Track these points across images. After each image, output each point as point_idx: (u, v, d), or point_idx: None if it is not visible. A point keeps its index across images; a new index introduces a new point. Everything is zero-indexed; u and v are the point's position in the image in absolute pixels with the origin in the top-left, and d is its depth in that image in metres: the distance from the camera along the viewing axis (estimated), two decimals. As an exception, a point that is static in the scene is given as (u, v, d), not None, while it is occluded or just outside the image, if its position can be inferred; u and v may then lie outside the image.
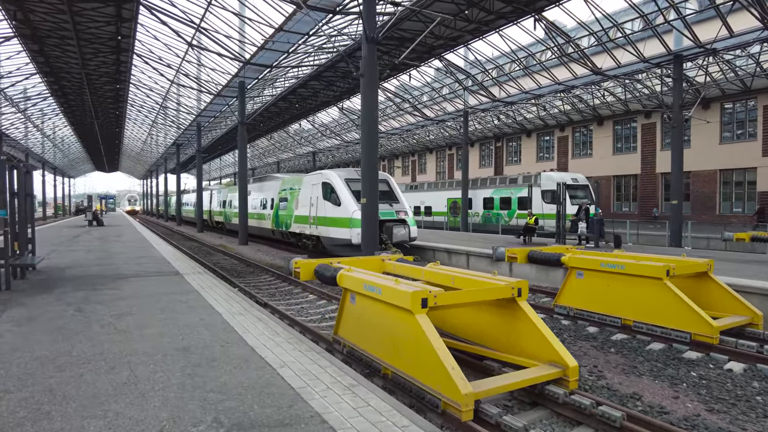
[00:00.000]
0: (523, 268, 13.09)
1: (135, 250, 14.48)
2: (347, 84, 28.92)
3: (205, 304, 6.62)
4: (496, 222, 29.19)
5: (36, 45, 22.80)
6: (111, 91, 31.23)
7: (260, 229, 24.16)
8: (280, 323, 5.76)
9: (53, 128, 45.21)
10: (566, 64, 23.25)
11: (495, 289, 5.49)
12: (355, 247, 15.48)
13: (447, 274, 6.35)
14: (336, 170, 17.78)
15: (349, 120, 39.89)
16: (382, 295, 5.32)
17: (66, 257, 12.44)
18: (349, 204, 15.74)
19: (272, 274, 14.13)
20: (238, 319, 5.77)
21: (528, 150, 38.98)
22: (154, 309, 6.19)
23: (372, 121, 11.85)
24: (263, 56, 20.28)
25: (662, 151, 30.24)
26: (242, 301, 7.01)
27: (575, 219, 16.51)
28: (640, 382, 5.81)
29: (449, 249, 15.61)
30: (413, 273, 7.15)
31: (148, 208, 77.07)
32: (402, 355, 5.16)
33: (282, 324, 5.76)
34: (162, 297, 7.02)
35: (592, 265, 8.47)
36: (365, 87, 11.76)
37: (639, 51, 20.16)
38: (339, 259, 7.75)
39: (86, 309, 6.19)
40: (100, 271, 9.82)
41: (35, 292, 7.36)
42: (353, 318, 6.18)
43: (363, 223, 12.05)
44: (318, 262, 7.28)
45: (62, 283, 8.25)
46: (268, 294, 11.27)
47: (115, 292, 7.44)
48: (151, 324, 5.39)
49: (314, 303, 10.26)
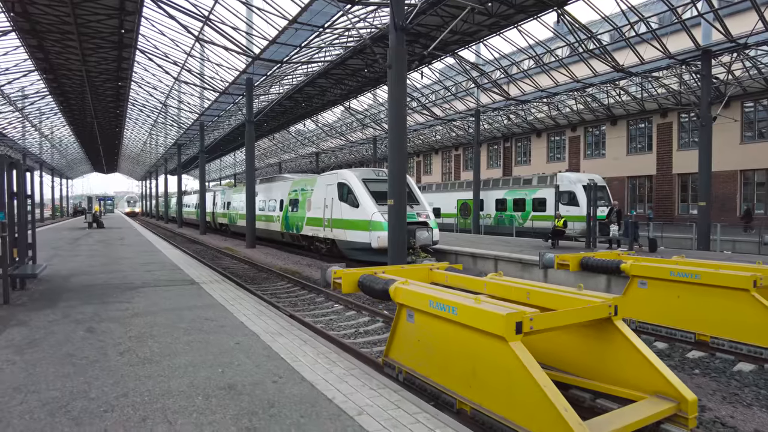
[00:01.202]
0: (559, 274, 12.21)
1: (141, 255, 13.55)
2: (356, 82, 28.08)
3: (235, 321, 5.72)
4: (510, 224, 28.34)
5: (35, 40, 21.84)
6: (112, 89, 30.26)
7: (268, 232, 23.24)
8: (330, 346, 4.86)
9: (51, 128, 44.17)
10: (586, 61, 22.41)
11: (593, 309, 4.61)
12: (375, 252, 14.60)
13: (520, 288, 5.47)
14: (352, 170, 16.90)
15: (354, 120, 39.03)
16: (459, 315, 4.43)
17: (68, 263, 11.51)
18: (368, 206, 14.85)
19: (288, 280, 13.23)
20: (281, 342, 4.87)
21: (538, 150, 38.16)
22: (178, 329, 5.29)
23: (400, 115, 10.98)
24: (274, 52, 19.39)
25: (679, 151, 29.46)
26: (276, 317, 6.11)
27: (606, 222, 15.64)
28: (754, 414, 4.93)
29: (474, 253, 14.72)
30: (471, 285, 6.26)
31: (148, 209, 75.94)
32: (486, 388, 4.27)
33: (331, 347, 4.86)
34: (183, 313, 6.11)
35: (659, 273, 7.60)
36: (393, 78, 10.88)
37: (664, 46, 19.34)
38: (382, 267, 6.86)
39: (98, 329, 5.28)
40: (107, 280, 8.90)
41: (38, 307, 6.44)
42: (412, 339, 5.28)
43: (390, 227, 11.16)
44: (361, 273, 6.38)
45: (67, 294, 7.33)
46: (289, 303, 10.36)
47: (127, 306, 6.53)
48: (179, 350, 4.49)
49: (342, 314, 9.36)
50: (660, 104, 28.97)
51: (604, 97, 30.03)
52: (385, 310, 9.43)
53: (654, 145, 30.80)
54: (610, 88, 27.76)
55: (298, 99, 31.77)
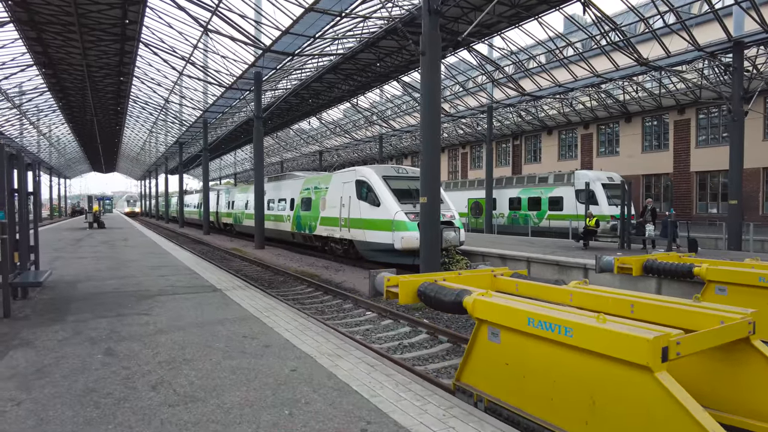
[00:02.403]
0: (602, 277, 11.35)
1: (149, 257, 12.65)
2: (365, 78, 27.19)
3: (279, 339, 4.84)
4: (524, 223, 27.53)
5: (33, 32, 20.90)
6: (112, 84, 29.32)
7: (277, 232, 22.34)
8: (405, 373, 3.98)
9: (49, 126, 43.12)
10: (607, 54, 21.57)
11: (732, 328, 3.74)
12: (398, 253, 13.73)
13: (620, 299, 4.61)
14: (371, 166, 16.03)
15: (361, 117, 38.16)
16: (576, 338, 3.56)
17: (73, 266, 10.60)
18: (390, 204, 13.97)
19: (308, 283, 12.35)
20: (344, 368, 4.00)
21: (549, 148, 37.31)
22: (215, 350, 4.40)
23: (434, 105, 10.11)
24: (288, 44, 18.48)
25: (697, 148, 28.64)
26: (323, 332, 5.24)
27: (641, 221, 14.80)
28: None
29: (503, 255, 13.86)
30: (550, 295, 5.40)
31: (148, 209, 74.86)
32: (612, 428, 3.41)
33: (407, 374, 3.99)
34: (216, 328, 5.22)
35: (744, 279, 6.74)
36: (427, 65, 10.00)
37: (693, 37, 18.51)
38: (440, 274, 5.99)
39: (119, 351, 4.40)
40: (118, 286, 8.00)
41: (44, 321, 5.54)
42: (496, 362, 4.41)
43: (423, 227, 10.29)
44: (420, 280, 5.51)
45: (76, 305, 6.44)
46: (316, 310, 9.48)
47: (147, 319, 5.64)
48: (226, 382, 3.61)
49: (377, 323, 8.48)
50: (677, 100, 28.17)
51: (619, 93, 29.22)
52: (425, 318, 8.56)
53: (671, 142, 29.98)
54: (627, 84, 26.93)
55: (304, 96, 30.87)
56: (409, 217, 13.60)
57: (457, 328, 8.07)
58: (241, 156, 71.42)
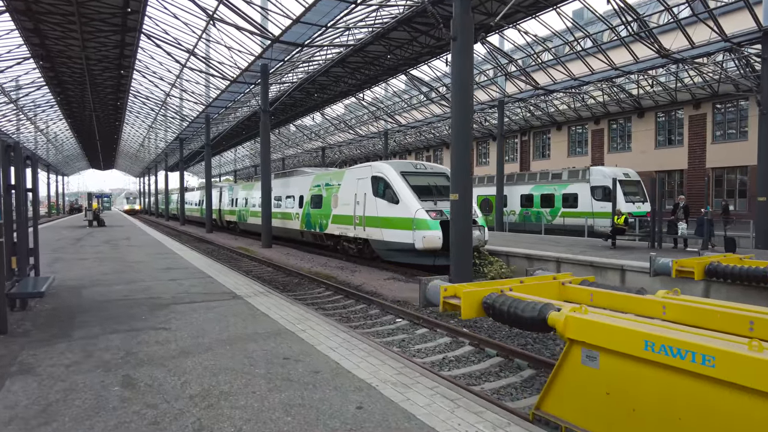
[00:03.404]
0: (639, 278, 10.62)
1: (156, 259, 11.88)
2: (372, 71, 26.38)
3: (326, 362, 4.09)
4: (537, 221, 26.81)
5: (31, 22, 20.03)
6: (112, 78, 28.44)
7: (285, 230, 21.57)
8: (500, 412, 3.24)
9: (46, 122, 42.18)
10: (627, 45, 20.81)
11: None
12: (418, 254, 13.00)
13: (736, 314, 3.87)
14: (387, 162, 15.30)
15: (367, 112, 37.37)
16: (719, 369, 2.83)
17: (75, 269, 9.84)
18: (410, 202, 13.22)
19: (325, 286, 11.61)
20: (419, 403, 3.26)
21: (558, 144, 36.55)
22: (256, 379, 3.65)
23: (466, 96, 9.35)
24: (300, 35, 17.67)
25: (713, 144, 27.91)
26: (374, 351, 4.49)
27: (673, 219, 14.07)
28: None
29: (530, 255, 13.12)
30: (635, 306, 4.66)
31: (147, 207, 73.93)
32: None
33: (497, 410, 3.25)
34: (249, 347, 4.48)
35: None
36: (458, 52, 9.24)
37: (720, 27, 17.75)
38: (504, 282, 5.24)
39: (140, 380, 3.64)
40: (127, 293, 7.25)
41: (46, 338, 4.78)
42: (593, 391, 3.67)
43: (454, 226, 9.55)
44: (484, 290, 4.76)
45: (82, 317, 5.68)
46: (340, 316, 8.73)
47: (167, 335, 4.88)
48: (283, 428, 2.85)
49: (411, 332, 7.74)
50: (693, 94, 27.43)
51: (632, 87, 28.47)
52: (464, 327, 7.82)
53: (685, 137, 29.25)
54: (642, 77, 26.16)
55: (309, 90, 30.05)
56: (430, 215, 12.87)
57: (503, 338, 7.34)
58: (242, 153, 70.51)
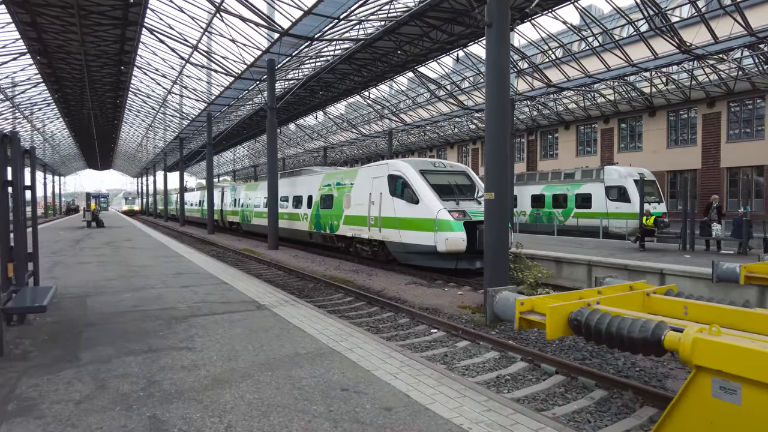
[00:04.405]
0: (681, 283, 9.92)
1: (163, 262, 11.12)
2: (382, 67, 25.67)
3: (394, 394, 3.36)
4: (548, 222, 26.13)
5: (27, 15, 19.22)
6: (112, 75, 27.63)
7: (291, 231, 20.80)
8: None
9: (43, 120, 41.26)
10: (646, 41, 20.17)
11: None
12: (439, 257, 12.28)
13: None
14: (405, 160, 14.56)
15: (372, 110, 36.67)
16: None
17: (76, 274, 9.07)
18: (431, 202, 12.49)
19: (344, 291, 10.86)
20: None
21: (566, 144, 35.91)
22: (318, 420, 2.91)
23: (503, 85, 8.63)
24: (313, 28, 16.95)
25: (728, 143, 27.30)
26: (444, 378, 3.76)
27: (707, 219, 13.38)
28: None
29: (559, 258, 12.41)
30: (748, 322, 3.93)
31: (146, 207, 72.94)
32: None
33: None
34: (295, 374, 3.73)
35: None
36: (494, 39, 8.52)
37: (746, 20, 17.12)
38: (578, 293, 4.52)
39: (170, 422, 2.90)
40: (137, 303, 6.49)
41: (49, 362, 4.01)
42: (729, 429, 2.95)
43: (489, 228, 8.82)
44: (570, 304, 4.03)
45: (90, 333, 4.92)
46: (367, 326, 7.98)
47: (193, 358, 4.13)
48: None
49: (451, 345, 6.99)
50: (708, 92, 26.83)
51: (644, 85, 27.84)
52: (510, 339, 7.09)
53: (699, 137, 28.64)
54: (656, 75, 25.53)
55: (314, 88, 29.32)
56: (453, 215, 12.16)
57: (555, 352, 6.60)
58: (241, 153, 69.68)
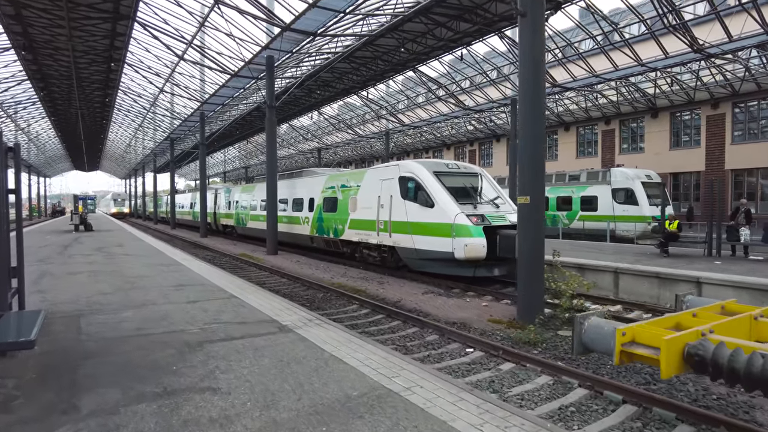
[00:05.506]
0: (722, 293, 9.29)
1: (162, 272, 10.23)
2: (383, 65, 24.94)
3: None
4: (553, 225, 25.53)
5: (11, 7, 18.17)
6: (100, 72, 26.54)
7: (291, 236, 19.95)
8: None
9: (28, 120, 39.86)
10: (657, 39, 19.67)
11: None
12: (457, 264, 11.55)
13: None
14: (417, 161, 13.83)
15: (370, 110, 35.91)
16: None
17: (67, 287, 8.17)
18: (447, 205, 11.76)
19: (358, 302, 10.08)
20: None
21: (566, 145, 35.50)
22: None
23: (539, 78, 7.92)
24: (311, 25, 16.14)
25: (733, 145, 26.98)
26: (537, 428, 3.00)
27: (733, 224, 12.80)
28: None
29: (582, 265, 11.74)
30: None
31: (134, 209, 71.32)
32: None
33: None
34: (357, 430, 2.95)
35: None
36: (528, 29, 7.82)
37: (762, 17, 16.66)
38: (673, 318, 3.79)
39: None
40: (140, 324, 5.64)
41: (40, 416, 3.16)
42: None
43: (523, 234, 8.10)
44: (685, 335, 3.29)
45: (87, 367, 4.08)
46: (396, 345, 7.19)
47: (223, 405, 3.31)
48: None
49: (494, 368, 6.23)
50: (712, 93, 26.50)
51: (647, 86, 27.44)
52: (557, 359, 6.36)
53: (702, 138, 28.29)
54: (661, 76, 25.12)
55: (312, 87, 28.49)
56: (471, 219, 11.42)
57: (612, 375, 5.88)
58: (232, 154, 68.51)
